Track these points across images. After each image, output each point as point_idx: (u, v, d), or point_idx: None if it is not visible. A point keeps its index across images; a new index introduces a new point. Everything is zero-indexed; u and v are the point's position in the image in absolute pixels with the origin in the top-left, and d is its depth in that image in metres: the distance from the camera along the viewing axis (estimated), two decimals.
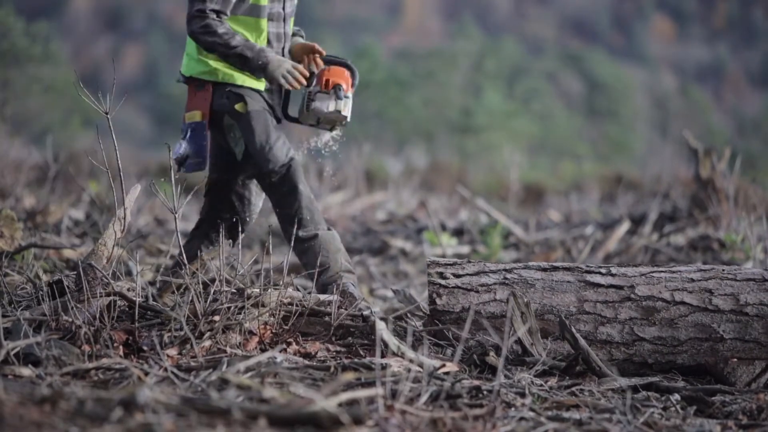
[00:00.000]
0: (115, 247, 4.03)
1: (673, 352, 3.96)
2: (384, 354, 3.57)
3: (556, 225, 11.08)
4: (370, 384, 3.23)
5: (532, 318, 3.85)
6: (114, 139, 3.91)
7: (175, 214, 3.89)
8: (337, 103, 4.69)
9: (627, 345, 3.96)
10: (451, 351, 3.92)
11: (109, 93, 3.85)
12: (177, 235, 3.99)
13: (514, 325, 3.80)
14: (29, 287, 4.30)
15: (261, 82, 4.64)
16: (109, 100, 3.86)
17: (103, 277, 3.81)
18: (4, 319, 3.60)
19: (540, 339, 3.90)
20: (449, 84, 34.78)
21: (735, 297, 3.96)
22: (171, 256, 5.43)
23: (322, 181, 12.79)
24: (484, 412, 2.97)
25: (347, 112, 4.72)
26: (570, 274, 4.03)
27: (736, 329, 3.94)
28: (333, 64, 4.77)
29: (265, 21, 4.60)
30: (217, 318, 3.73)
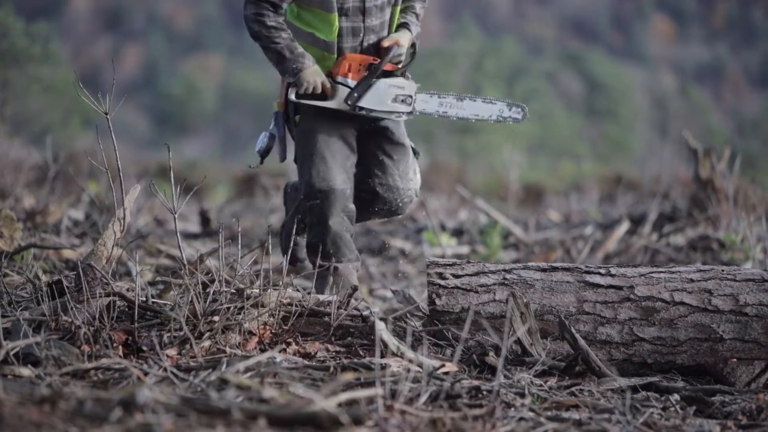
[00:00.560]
0: (115, 248, 4.03)
1: (672, 353, 3.96)
2: (383, 354, 3.57)
3: (556, 225, 11.08)
4: (369, 384, 3.23)
5: (531, 318, 3.85)
6: (114, 139, 3.91)
7: (175, 215, 3.89)
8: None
9: (626, 345, 3.96)
10: (450, 351, 3.92)
11: (109, 93, 3.85)
12: (177, 236, 3.99)
13: (514, 325, 3.80)
14: (29, 287, 4.30)
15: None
16: (108, 101, 3.85)
17: (103, 278, 3.81)
18: (3, 319, 3.60)
19: (539, 339, 3.90)
20: (449, 84, 34.76)
21: (734, 297, 3.96)
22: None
23: None
24: (483, 413, 2.97)
25: (365, 103, 4.57)
26: (569, 275, 4.03)
27: (736, 329, 3.94)
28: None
29: (335, 15, 4.45)
30: (216, 318, 3.74)
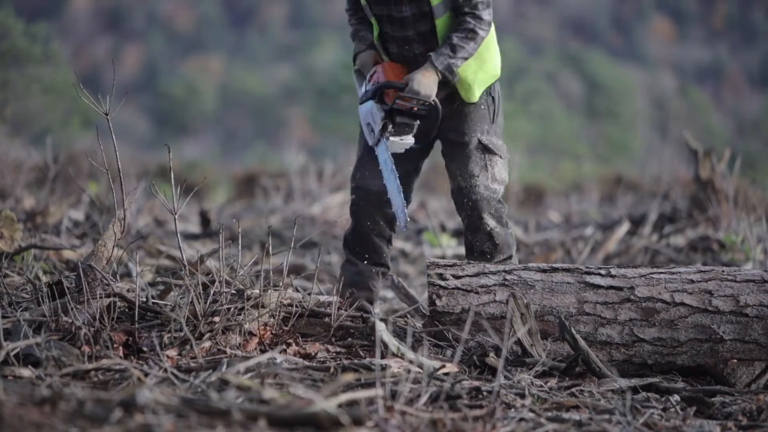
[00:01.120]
0: (115, 248, 4.03)
1: (672, 353, 3.96)
2: (384, 355, 3.57)
3: (556, 226, 11.09)
4: (369, 385, 3.23)
5: (531, 319, 3.85)
6: (114, 139, 3.91)
7: (175, 215, 3.89)
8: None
9: (627, 346, 3.96)
10: (450, 352, 3.92)
11: (109, 94, 3.85)
12: (177, 236, 3.99)
13: (514, 326, 3.80)
14: (29, 288, 4.30)
15: None
16: (108, 101, 3.85)
17: (103, 278, 3.81)
18: (4, 320, 3.60)
19: (540, 340, 3.90)
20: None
21: (735, 298, 3.96)
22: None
23: (322, 181, 12.78)
24: (483, 413, 2.97)
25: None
26: (570, 276, 4.03)
27: (736, 330, 3.94)
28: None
29: (374, 20, 4.53)
30: (216, 319, 3.74)
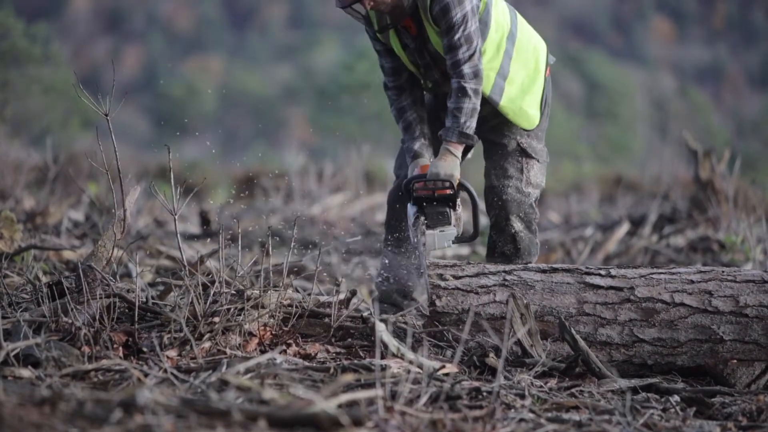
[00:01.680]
0: (115, 249, 4.03)
1: (672, 354, 3.96)
2: (384, 355, 3.57)
3: (556, 226, 11.09)
4: (369, 385, 3.23)
5: (531, 319, 3.85)
6: (114, 140, 3.91)
7: (175, 216, 3.89)
8: None
9: (627, 346, 3.96)
10: (450, 352, 3.92)
11: (109, 95, 3.85)
12: (177, 237, 3.99)
13: (514, 326, 3.80)
14: (29, 289, 4.30)
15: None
16: (108, 102, 3.85)
17: (103, 279, 3.81)
18: (3, 320, 3.60)
19: (539, 340, 3.90)
20: None
21: (735, 298, 3.96)
22: None
23: (322, 182, 12.78)
24: (483, 414, 2.97)
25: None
26: (569, 276, 4.03)
27: (736, 331, 3.94)
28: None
29: (414, 69, 4.74)
30: (216, 319, 3.74)
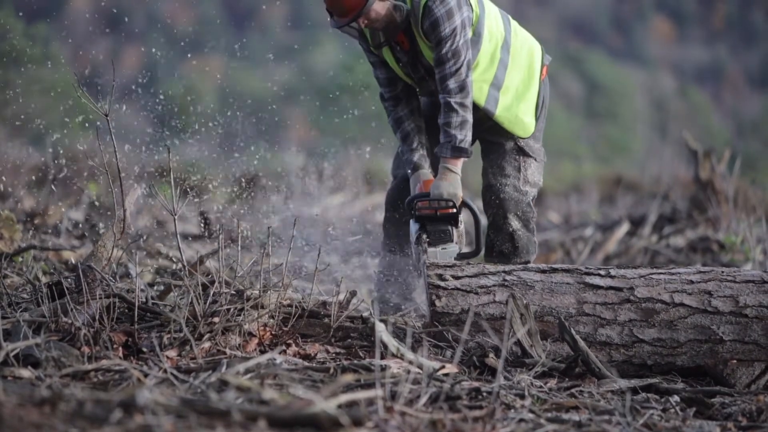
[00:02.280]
0: (115, 249, 4.03)
1: (672, 354, 3.96)
2: (383, 355, 3.57)
3: (556, 226, 11.09)
4: (369, 385, 3.23)
5: (531, 320, 3.85)
6: (114, 140, 3.91)
7: (175, 216, 3.89)
8: None
9: (626, 346, 3.96)
10: (450, 353, 3.92)
11: (109, 95, 3.85)
12: (177, 237, 3.99)
13: (514, 326, 3.80)
14: (29, 289, 4.30)
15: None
16: (108, 102, 3.85)
17: (103, 279, 3.81)
18: (3, 320, 3.60)
19: (539, 341, 3.90)
20: None
21: (734, 299, 3.96)
22: None
23: (322, 182, 12.77)
24: (483, 414, 2.97)
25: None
26: (569, 276, 4.03)
27: (736, 331, 3.94)
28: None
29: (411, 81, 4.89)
30: (216, 319, 3.74)
